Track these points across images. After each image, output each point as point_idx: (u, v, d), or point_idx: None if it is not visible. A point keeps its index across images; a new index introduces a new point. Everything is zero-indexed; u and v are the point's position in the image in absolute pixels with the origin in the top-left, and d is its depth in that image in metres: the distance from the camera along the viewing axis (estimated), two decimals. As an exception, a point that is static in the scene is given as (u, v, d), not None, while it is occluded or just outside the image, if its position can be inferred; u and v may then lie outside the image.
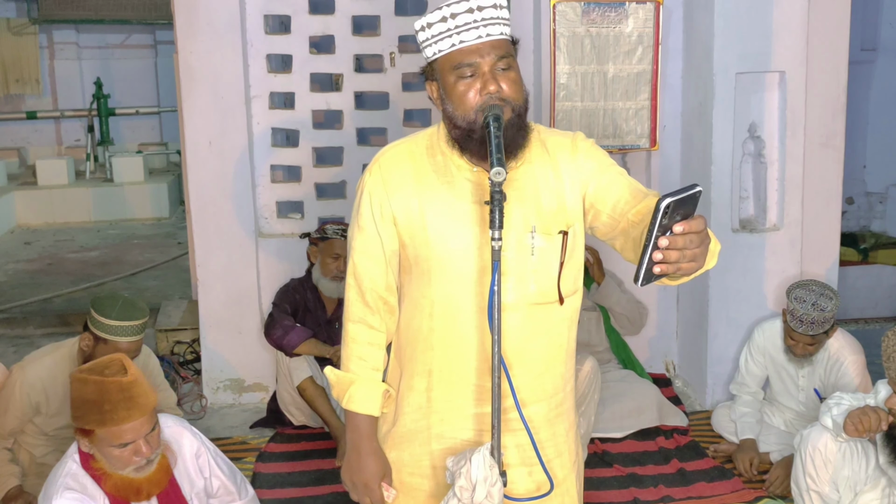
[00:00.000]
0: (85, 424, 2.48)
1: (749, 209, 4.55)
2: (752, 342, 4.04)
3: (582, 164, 2.01)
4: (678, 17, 4.61)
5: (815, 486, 3.25)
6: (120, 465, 2.50)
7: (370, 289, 2.05)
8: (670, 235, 1.58)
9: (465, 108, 1.90)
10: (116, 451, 2.47)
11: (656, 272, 1.60)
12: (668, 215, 1.55)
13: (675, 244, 1.58)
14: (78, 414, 2.50)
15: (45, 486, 2.58)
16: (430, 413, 2.07)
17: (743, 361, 4.07)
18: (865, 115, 7.03)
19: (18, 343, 5.89)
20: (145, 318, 3.33)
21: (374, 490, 2.09)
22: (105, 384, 2.45)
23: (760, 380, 4.07)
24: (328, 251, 4.24)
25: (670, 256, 1.58)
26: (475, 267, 1.96)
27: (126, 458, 2.48)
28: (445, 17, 1.89)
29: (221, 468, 2.83)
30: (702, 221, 1.61)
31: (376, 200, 2.02)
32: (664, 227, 1.56)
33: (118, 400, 2.44)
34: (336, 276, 4.19)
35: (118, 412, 2.44)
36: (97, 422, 2.45)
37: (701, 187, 1.59)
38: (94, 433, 2.47)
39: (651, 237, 1.57)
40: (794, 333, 3.74)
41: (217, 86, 4.50)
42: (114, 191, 10.52)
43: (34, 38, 12.33)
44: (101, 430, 2.46)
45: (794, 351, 3.81)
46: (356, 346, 2.08)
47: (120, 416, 2.44)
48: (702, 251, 1.61)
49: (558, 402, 2.09)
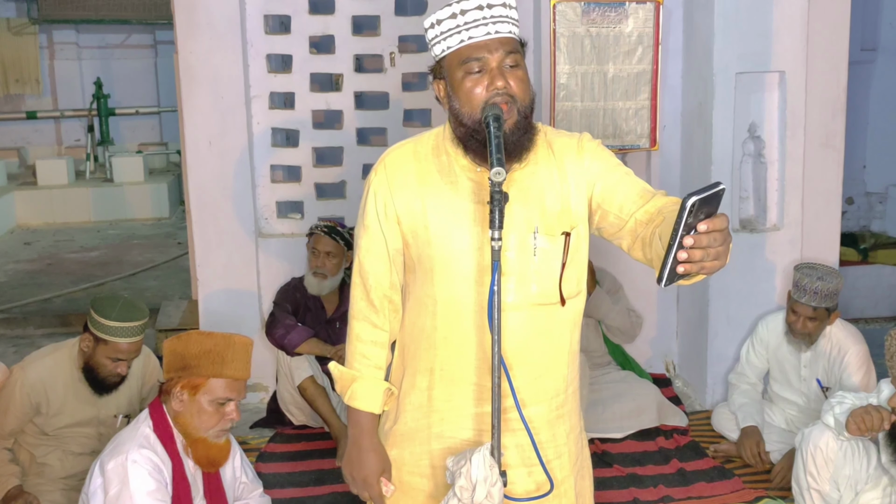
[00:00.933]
0: (200, 372, 2.64)
1: (749, 209, 4.56)
2: (755, 334, 4.09)
3: (588, 166, 2.02)
4: (678, 17, 4.61)
5: (816, 484, 3.26)
6: (206, 426, 2.66)
7: (375, 287, 2.07)
8: (695, 234, 1.57)
9: (471, 106, 1.91)
10: (212, 408, 2.65)
11: (680, 271, 1.59)
12: (693, 214, 1.54)
13: (700, 243, 1.57)
14: (192, 363, 2.65)
15: (114, 445, 2.69)
16: (431, 412, 2.08)
17: (744, 352, 4.11)
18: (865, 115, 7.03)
19: (18, 343, 5.90)
20: (145, 319, 3.33)
21: (372, 486, 2.11)
22: (232, 338, 2.67)
23: (760, 372, 4.09)
24: (310, 246, 4.28)
25: (694, 255, 1.57)
26: (476, 267, 1.97)
27: (218, 417, 2.66)
28: (455, 14, 1.90)
29: (247, 472, 2.95)
30: (725, 219, 1.60)
31: (381, 200, 2.03)
32: (688, 226, 1.55)
33: (241, 353, 2.67)
34: (315, 271, 4.21)
35: (237, 363, 2.66)
36: (215, 371, 2.63)
37: (724, 185, 1.58)
38: (203, 385, 2.64)
39: (676, 236, 1.55)
40: (797, 305, 3.77)
41: (217, 86, 4.50)
42: (114, 191, 10.53)
43: (34, 38, 12.34)
44: (216, 380, 2.64)
45: (795, 328, 3.82)
46: (360, 344, 2.11)
47: (237, 369, 2.66)
48: (724, 249, 1.61)
49: (559, 403, 2.09)
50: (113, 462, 2.59)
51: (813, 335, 3.82)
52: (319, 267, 4.19)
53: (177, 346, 2.69)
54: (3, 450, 3.34)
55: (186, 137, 4.60)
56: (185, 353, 2.67)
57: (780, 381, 4.05)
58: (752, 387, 4.08)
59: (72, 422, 3.37)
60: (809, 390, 3.93)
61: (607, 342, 4.59)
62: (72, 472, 3.36)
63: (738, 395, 4.06)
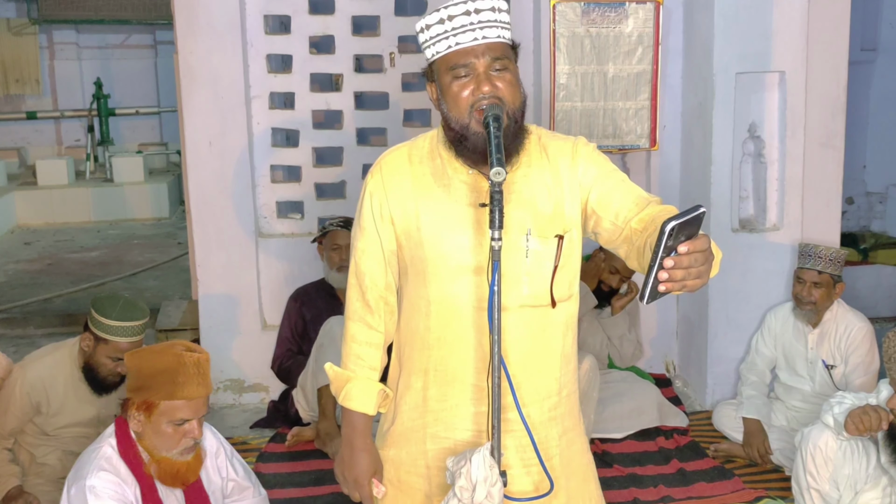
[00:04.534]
0: (152, 396, 2.54)
1: (749, 209, 4.56)
2: (764, 324, 4.17)
3: (582, 171, 2.02)
4: (678, 17, 4.61)
5: (816, 484, 3.26)
6: (168, 446, 2.57)
7: (371, 288, 2.09)
8: (675, 256, 1.61)
9: (458, 110, 1.92)
10: (170, 429, 2.55)
11: (661, 290, 1.63)
12: (673, 237, 1.59)
13: (681, 264, 1.61)
14: (146, 384, 2.55)
15: (77, 466, 2.62)
16: (426, 412, 2.09)
17: (754, 342, 4.19)
18: (865, 115, 7.02)
19: (18, 343, 5.89)
20: (145, 319, 3.33)
21: (363, 486, 2.12)
22: (184, 357, 2.54)
23: (769, 361, 4.14)
24: (329, 243, 4.33)
25: (675, 275, 1.61)
26: (469, 268, 1.98)
27: (177, 437, 2.56)
28: (443, 20, 1.91)
29: (237, 469, 2.88)
30: (706, 240, 1.64)
31: (376, 202, 2.05)
32: (669, 248, 1.60)
33: (192, 374, 2.54)
34: (340, 266, 4.25)
35: (190, 386, 2.53)
36: (167, 393, 2.52)
37: (704, 209, 1.63)
38: (157, 406, 2.53)
39: (656, 258, 1.60)
40: (802, 272, 3.88)
41: (217, 86, 4.50)
42: (114, 191, 10.52)
43: (34, 38, 12.34)
44: (168, 402, 2.53)
45: (801, 297, 3.89)
46: (355, 345, 2.12)
47: (190, 390, 2.53)
48: (706, 268, 1.65)
49: (552, 405, 2.09)
50: (74, 487, 2.53)
51: (819, 306, 3.88)
52: (344, 261, 4.20)
53: (132, 363, 2.61)
54: (3, 450, 3.35)
55: (186, 137, 4.60)
56: (139, 371, 2.58)
57: (787, 370, 4.08)
58: (760, 379, 4.13)
59: (72, 421, 3.37)
60: (816, 373, 3.96)
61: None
62: (72, 472, 3.36)
63: (747, 387, 4.10)
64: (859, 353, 3.82)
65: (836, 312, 3.91)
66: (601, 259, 4.37)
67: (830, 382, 3.88)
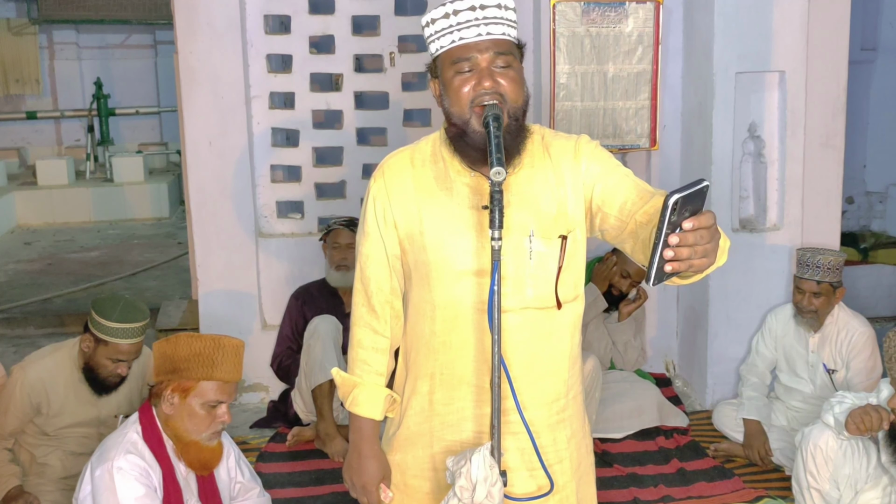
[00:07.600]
0: (189, 376, 2.61)
1: (749, 209, 4.56)
2: (765, 325, 4.15)
3: (585, 169, 2.00)
4: (678, 17, 4.61)
5: (816, 483, 3.26)
6: (199, 429, 2.65)
7: (376, 293, 2.08)
8: (680, 232, 1.55)
9: (460, 105, 1.91)
10: (203, 412, 2.63)
11: (668, 270, 1.57)
12: (677, 212, 1.53)
13: (686, 240, 1.55)
14: (181, 367, 2.62)
15: (101, 450, 2.66)
16: (433, 416, 2.08)
17: (755, 343, 4.18)
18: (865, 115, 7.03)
19: (18, 343, 5.90)
20: (146, 320, 3.33)
21: (371, 492, 2.12)
22: (221, 340, 2.66)
23: (770, 362, 4.13)
24: (331, 242, 4.34)
25: (681, 253, 1.55)
26: (472, 270, 1.97)
27: (209, 420, 2.64)
28: (448, 14, 1.90)
29: (243, 471, 2.94)
30: (711, 216, 1.58)
31: (380, 206, 2.04)
32: (673, 224, 1.54)
33: (230, 355, 2.65)
34: (339, 265, 4.26)
35: (226, 366, 2.64)
36: (205, 374, 2.61)
37: (708, 182, 1.57)
38: (193, 388, 2.62)
39: (661, 235, 1.54)
40: (801, 282, 3.86)
41: (217, 86, 4.50)
42: (114, 191, 10.53)
43: (34, 38, 12.35)
44: (206, 383, 2.62)
45: (802, 307, 3.87)
46: (361, 351, 2.12)
47: (227, 371, 2.64)
48: (713, 247, 1.59)
49: (560, 408, 2.08)
50: (100, 469, 2.57)
51: (820, 313, 3.87)
52: (343, 260, 4.25)
53: (166, 349, 2.67)
54: (3, 450, 3.35)
55: (186, 137, 4.60)
56: (174, 355, 2.64)
57: (788, 371, 4.07)
58: (761, 380, 4.12)
59: (72, 422, 3.37)
60: (816, 376, 3.96)
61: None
62: (72, 473, 3.36)
63: (747, 388, 4.10)
64: (861, 359, 3.81)
65: (838, 317, 3.89)
66: (613, 262, 4.36)
67: (831, 385, 3.87)
